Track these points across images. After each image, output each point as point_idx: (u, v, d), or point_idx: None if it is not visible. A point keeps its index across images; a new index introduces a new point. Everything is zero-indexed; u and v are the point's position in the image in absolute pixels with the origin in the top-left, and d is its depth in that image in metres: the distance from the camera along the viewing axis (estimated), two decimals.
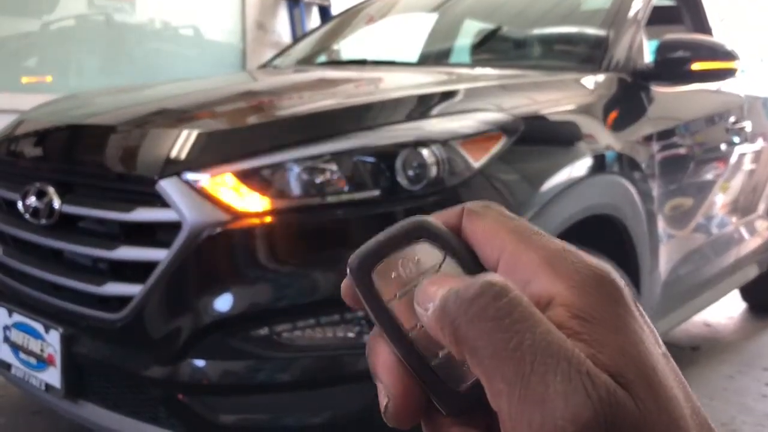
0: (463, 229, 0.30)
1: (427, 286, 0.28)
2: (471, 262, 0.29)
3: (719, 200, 2.71)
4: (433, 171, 1.47)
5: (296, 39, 3.81)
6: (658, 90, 2.29)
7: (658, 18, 2.58)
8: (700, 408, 0.26)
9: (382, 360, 0.29)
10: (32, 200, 1.64)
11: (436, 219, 0.31)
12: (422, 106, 1.68)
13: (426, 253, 0.29)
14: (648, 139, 2.15)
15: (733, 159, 2.76)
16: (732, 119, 2.76)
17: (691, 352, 3.17)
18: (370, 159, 1.46)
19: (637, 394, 0.24)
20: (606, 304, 0.26)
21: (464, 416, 0.28)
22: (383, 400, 0.29)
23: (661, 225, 2.21)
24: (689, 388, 0.27)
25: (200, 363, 1.42)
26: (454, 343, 0.26)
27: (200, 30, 4.33)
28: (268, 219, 1.42)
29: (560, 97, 1.95)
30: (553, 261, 0.27)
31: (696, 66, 2.20)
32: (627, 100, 2.17)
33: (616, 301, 0.26)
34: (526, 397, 0.24)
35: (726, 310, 3.83)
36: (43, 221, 1.62)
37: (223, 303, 1.41)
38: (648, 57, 2.36)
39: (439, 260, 0.29)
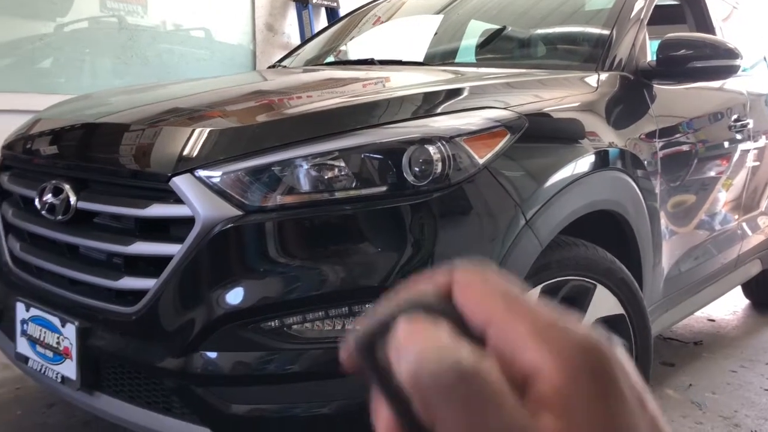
0: (453, 294, 0.30)
1: (403, 334, 0.27)
2: (464, 332, 0.29)
3: (722, 197, 2.73)
4: (439, 167, 1.50)
5: (305, 40, 3.85)
6: (661, 88, 2.32)
7: (660, 17, 2.61)
8: None
9: (384, 421, 0.29)
10: (49, 197, 1.68)
11: (427, 284, 0.31)
12: (428, 103, 1.71)
13: None
14: (650, 136, 2.18)
15: (735, 156, 2.78)
16: (734, 116, 2.79)
17: (694, 347, 3.19)
18: (378, 156, 1.49)
19: None
20: (587, 382, 0.26)
21: None
22: None
23: (664, 221, 2.24)
24: None
25: (212, 354, 1.45)
26: (423, 410, 0.26)
27: (211, 32, 4.37)
28: (278, 214, 1.45)
29: (564, 95, 1.98)
30: (541, 333, 0.27)
31: (698, 64, 2.23)
32: (629, 97, 2.20)
33: (599, 377, 0.26)
34: None
35: (729, 305, 3.85)
36: (60, 217, 1.66)
37: (235, 296, 1.44)
38: (650, 56, 2.39)
39: None
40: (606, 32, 2.36)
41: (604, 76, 2.17)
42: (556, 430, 0.25)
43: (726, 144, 2.71)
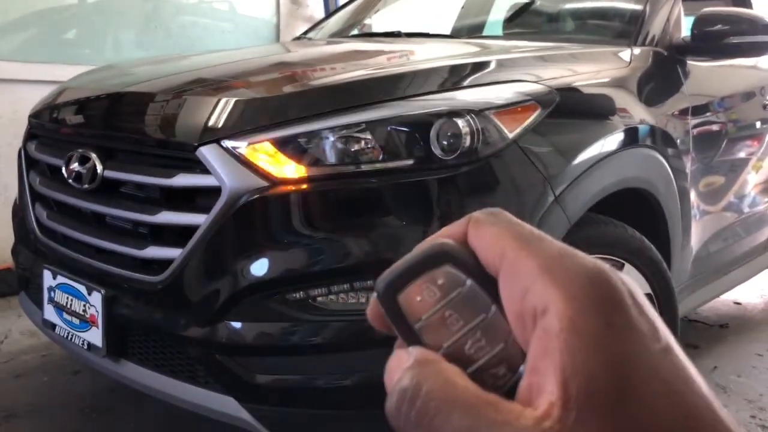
0: (469, 238, 0.31)
1: (390, 366, 0.29)
2: (482, 278, 0.30)
3: (752, 179, 2.68)
4: (467, 141, 1.48)
5: (330, 12, 3.81)
6: (695, 64, 2.26)
7: None
8: (710, 402, 0.26)
9: None
10: (75, 165, 1.68)
11: (446, 231, 0.31)
12: (457, 76, 1.69)
13: (448, 276, 0.31)
14: (683, 113, 2.13)
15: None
16: None
17: (719, 330, 3.15)
18: (405, 128, 1.47)
19: (605, 415, 0.25)
20: (597, 313, 0.26)
21: None
22: None
23: (694, 201, 2.20)
24: (695, 378, 0.27)
25: (237, 324, 1.46)
26: None
27: (234, 4, 4.35)
28: (304, 186, 1.44)
29: (595, 70, 1.94)
30: (550, 267, 0.27)
31: (734, 40, 2.17)
32: (662, 74, 2.15)
33: (609, 307, 0.26)
34: None
35: (757, 289, 3.79)
36: (86, 186, 1.66)
37: (260, 267, 1.44)
38: (685, 31, 2.33)
39: (461, 283, 0.30)
40: (639, 7, 2.31)
41: (636, 51, 2.12)
42: (564, 365, 0.25)
43: (758, 124, 2.65)
